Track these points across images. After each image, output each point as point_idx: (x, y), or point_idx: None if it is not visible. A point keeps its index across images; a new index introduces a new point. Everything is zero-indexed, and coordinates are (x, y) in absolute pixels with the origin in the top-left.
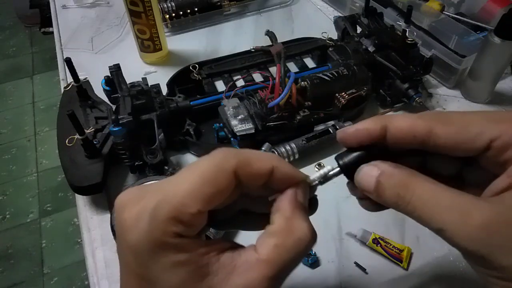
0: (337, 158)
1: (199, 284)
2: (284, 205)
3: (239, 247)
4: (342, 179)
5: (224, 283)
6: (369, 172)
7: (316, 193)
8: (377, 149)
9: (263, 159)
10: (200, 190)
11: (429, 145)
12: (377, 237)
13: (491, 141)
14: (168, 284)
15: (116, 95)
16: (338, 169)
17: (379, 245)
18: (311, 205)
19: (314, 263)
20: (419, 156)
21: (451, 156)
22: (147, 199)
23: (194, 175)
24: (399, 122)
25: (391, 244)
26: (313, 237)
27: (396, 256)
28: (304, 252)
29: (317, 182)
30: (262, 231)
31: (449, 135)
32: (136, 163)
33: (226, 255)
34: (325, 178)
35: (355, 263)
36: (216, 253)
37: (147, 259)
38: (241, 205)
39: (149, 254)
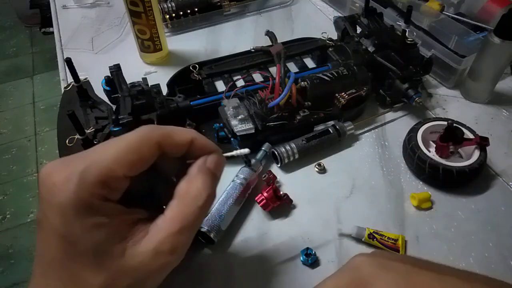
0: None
1: (115, 246)
2: (191, 170)
3: (155, 217)
4: (341, 180)
5: (138, 246)
6: None
7: (315, 192)
8: None
9: (184, 131)
10: (126, 157)
11: None
12: (372, 231)
13: None
14: (87, 244)
15: (116, 95)
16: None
17: (375, 239)
18: None
19: (314, 263)
20: None
21: None
22: (76, 164)
23: (121, 144)
24: None
25: (385, 236)
26: (208, 195)
27: (392, 246)
28: (201, 208)
29: (228, 154)
30: None
31: None
32: None
33: (142, 222)
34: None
35: None
36: (134, 220)
37: (72, 219)
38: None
39: (75, 214)
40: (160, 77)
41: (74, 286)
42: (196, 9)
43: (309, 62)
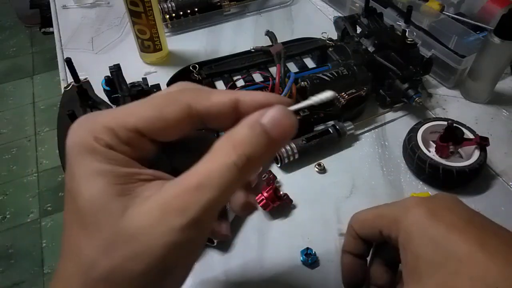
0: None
1: (114, 201)
2: (237, 125)
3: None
4: (341, 180)
5: (143, 204)
6: None
7: (315, 192)
8: None
9: (222, 91)
10: (144, 112)
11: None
12: None
13: (380, 232)
14: (86, 193)
15: (116, 95)
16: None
17: None
18: None
19: (314, 263)
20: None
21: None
22: (95, 114)
23: (145, 100)
24: None
25: None
26: (247, 155)
27: None
28: (231, 167)
29: (302, 105)
30: None
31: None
32: None
33: (159, 181)
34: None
35: None
36: (149, 177)
37: (72, 162)
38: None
39: (76, 156)
40: (160, 77)
41: (71, 256)
42: (196, 9)
43: (309, 62)
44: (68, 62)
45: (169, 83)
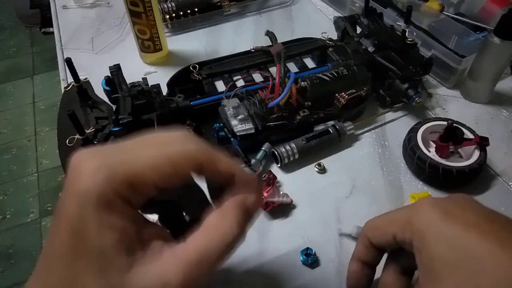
0: None
1: (122, 258)
2: (226, 203)
3: (172, 240)
4: (341, 180)
5: (146, 267)
6: None
7: (315, 192)
8: None
9: (229, 162)
10: (162, 168)
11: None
12: None
13: (394, 237)
14: (96, 245)
15: (116, 95)
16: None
17: None
18: None
19: (314, 263)
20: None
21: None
22: (109, 157)
23: (162, 151)
24: None
25: None
26: (238, 234)
27: None
28: (228, 246)
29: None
30: None
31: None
32: None
33: (158, 242)
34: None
35: None
36: (151, 236)
37: (89, 211)
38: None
39: (94, 207)
40: (160, 77)
41: None
42: (196, 9)
43: (309, 62)
44: (68, 62)
45: (169, 83)
